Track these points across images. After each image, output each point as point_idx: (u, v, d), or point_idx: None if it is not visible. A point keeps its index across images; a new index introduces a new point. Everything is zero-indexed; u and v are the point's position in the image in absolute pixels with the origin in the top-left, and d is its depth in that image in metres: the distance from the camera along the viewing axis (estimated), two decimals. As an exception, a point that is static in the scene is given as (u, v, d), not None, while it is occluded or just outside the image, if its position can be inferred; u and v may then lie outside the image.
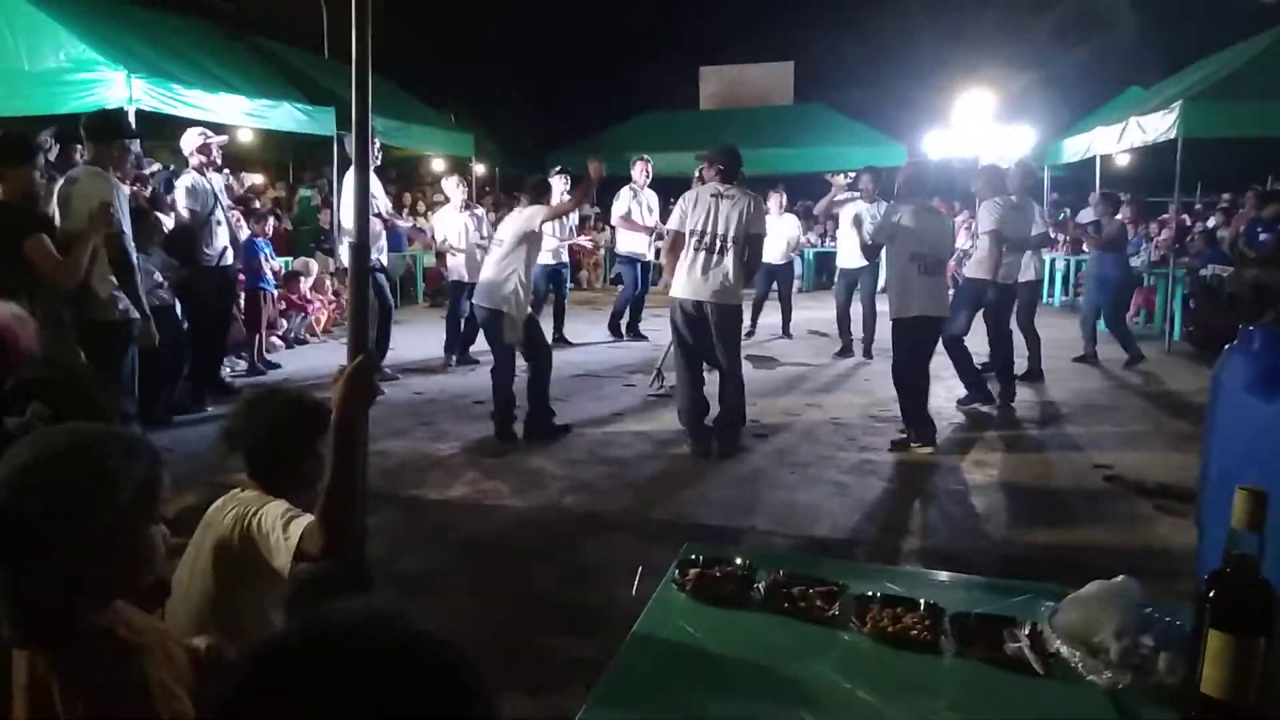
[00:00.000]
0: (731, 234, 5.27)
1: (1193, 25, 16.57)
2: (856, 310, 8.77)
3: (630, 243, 9.41)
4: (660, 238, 9.14)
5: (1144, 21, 18.93)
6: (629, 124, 17.01)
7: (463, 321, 8.23)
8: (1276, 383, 2.04)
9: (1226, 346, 2.39)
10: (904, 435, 5.56)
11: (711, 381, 5.63)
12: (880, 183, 8.38)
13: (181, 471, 4.28)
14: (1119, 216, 9.05)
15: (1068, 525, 4.35)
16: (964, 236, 10.80)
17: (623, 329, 9.73)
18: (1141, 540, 4.08)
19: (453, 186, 8.52)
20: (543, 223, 5.82)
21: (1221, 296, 8.87)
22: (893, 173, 6.74)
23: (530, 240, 5.71)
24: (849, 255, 8.53)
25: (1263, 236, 10.00)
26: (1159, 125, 9.13)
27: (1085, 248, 9.05)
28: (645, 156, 9.56)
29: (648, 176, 9.39)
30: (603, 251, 14.96)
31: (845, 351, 8.74)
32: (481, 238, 8.12)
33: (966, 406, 6.55)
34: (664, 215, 8.78)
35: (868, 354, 8.55)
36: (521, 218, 5.75)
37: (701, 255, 5.32)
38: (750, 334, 9.28)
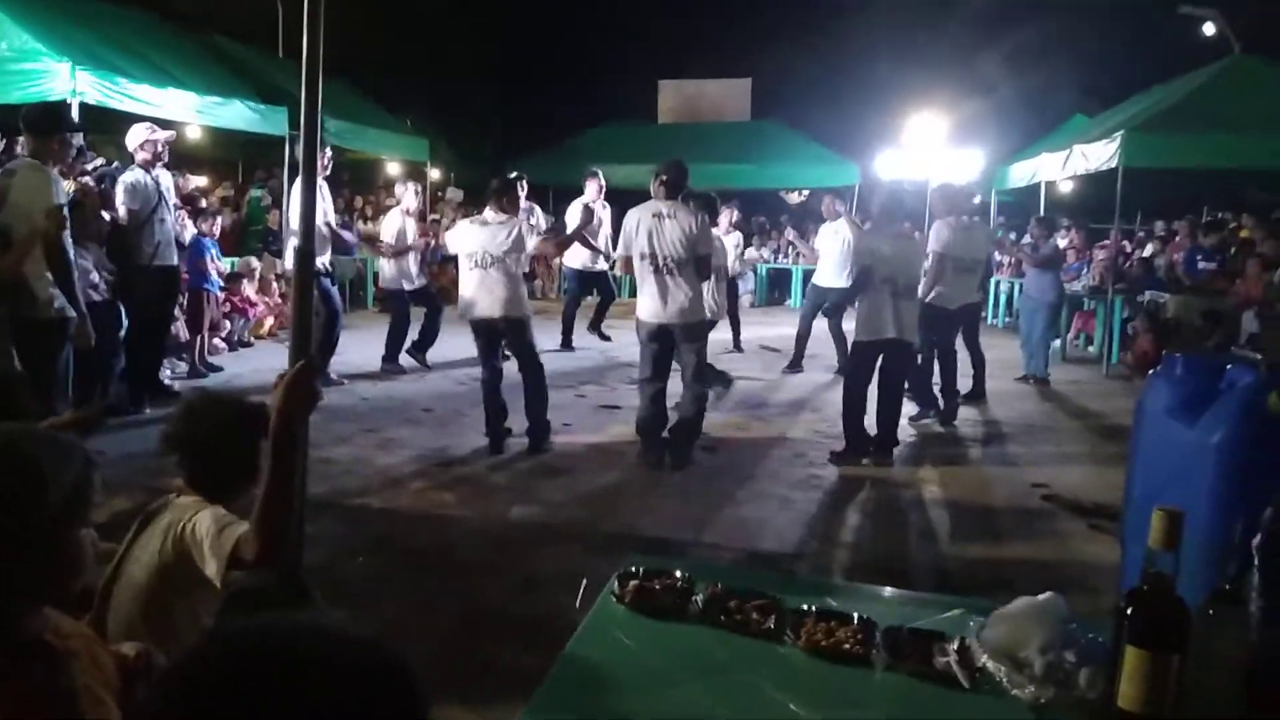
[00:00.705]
0: (679, 254, 5.30)
1: (1137, 57, 17.13)
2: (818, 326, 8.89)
3: (577, 256, 9.51)
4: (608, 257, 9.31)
5: (1091, 52, 19.52)
6: (587, 135, 17.05)
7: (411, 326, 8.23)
8: (1195, 408, 2.12)
9: (1150, 372, 2.48)
10: (843, 449, 5.67)
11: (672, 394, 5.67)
12: (841, 203, 8.64)
13: (116, 475, 4.18)
14: (1055, 239, 9.33)
15: (1004, 542, 4.45)
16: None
17: (579, 332, 9.80)
18: (1074, 558, 4.18)
19: (410, 193, 8.38)
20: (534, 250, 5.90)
21: (1161, 322, 9.16)
22: (846, 191, 6.91)
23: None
24: (827, 274, 8.69)
25: (1201, 265, 10.36)
26: (1101, 154, 9.40)
27: (1023, 267, 9.30)
28: (597, 172, 9.64)
29: (601, 192, 9.54)
30: (558, 261, 14.95)
31: (794, 367, 8.84)
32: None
33: (918, 422, 6.66)
34: (616, 229, 8.89)
35: (841, 372, 8.65)
36: (514, 238, 5.62)
37: (656, 278, 5.37)
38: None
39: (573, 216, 9.42)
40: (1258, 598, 1.24)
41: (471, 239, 5.70)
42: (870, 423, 5.71)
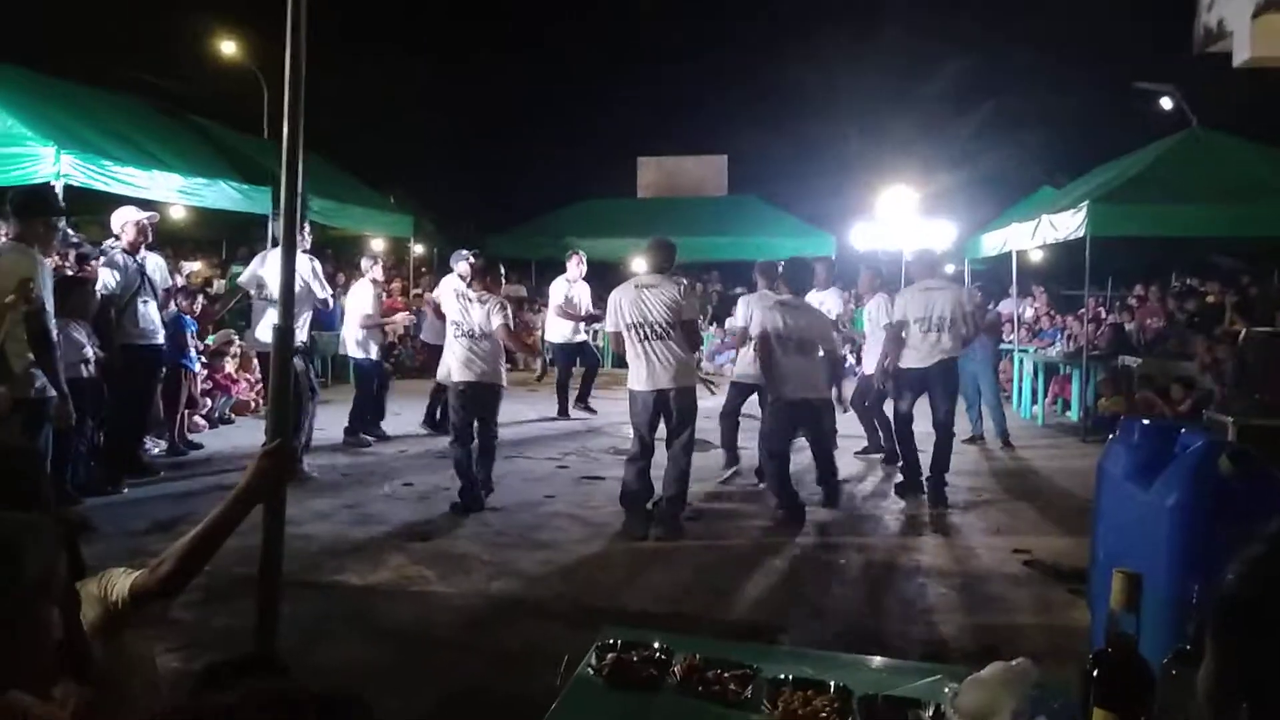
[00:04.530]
0: (665, 319, 5.44)
1: (1100, 130, 17.72)
2: None
3: (560, 330, 9.87)
4: (592, 320, 9.48)
5: (1056, 126, 20.16)
6: (568, 210, 17.34)
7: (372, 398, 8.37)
8: (1152, 471, 2.17)
9: (1109, 436, 2.54)
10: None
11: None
12: (831, 272, 8.85)
13: (94, 554, 4.12)
14: (995, 307, 9.65)
15: (986, 608, 4.44)
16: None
17: (570, 404, 10.03)
18: (1055, 623, 4.17)
19: (377, 267, 8.67)
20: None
21: (1132, 385, 9.31)
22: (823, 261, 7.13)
23: None
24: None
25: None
26: (1069, 224, 9.64)
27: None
28: (579, 251, 10.13)
29: (582, 270, 9.95)
30: (539, 333, 15.07)
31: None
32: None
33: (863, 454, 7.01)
34: (598, 303, 9.13)
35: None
36: (496, 315, 6.02)
37: (646, 345, 5.48)
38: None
39: (556, 292, 9.75)
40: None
41: (457, 310, 6.19)
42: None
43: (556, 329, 9.90)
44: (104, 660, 1.86)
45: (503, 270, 8.52)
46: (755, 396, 7.04)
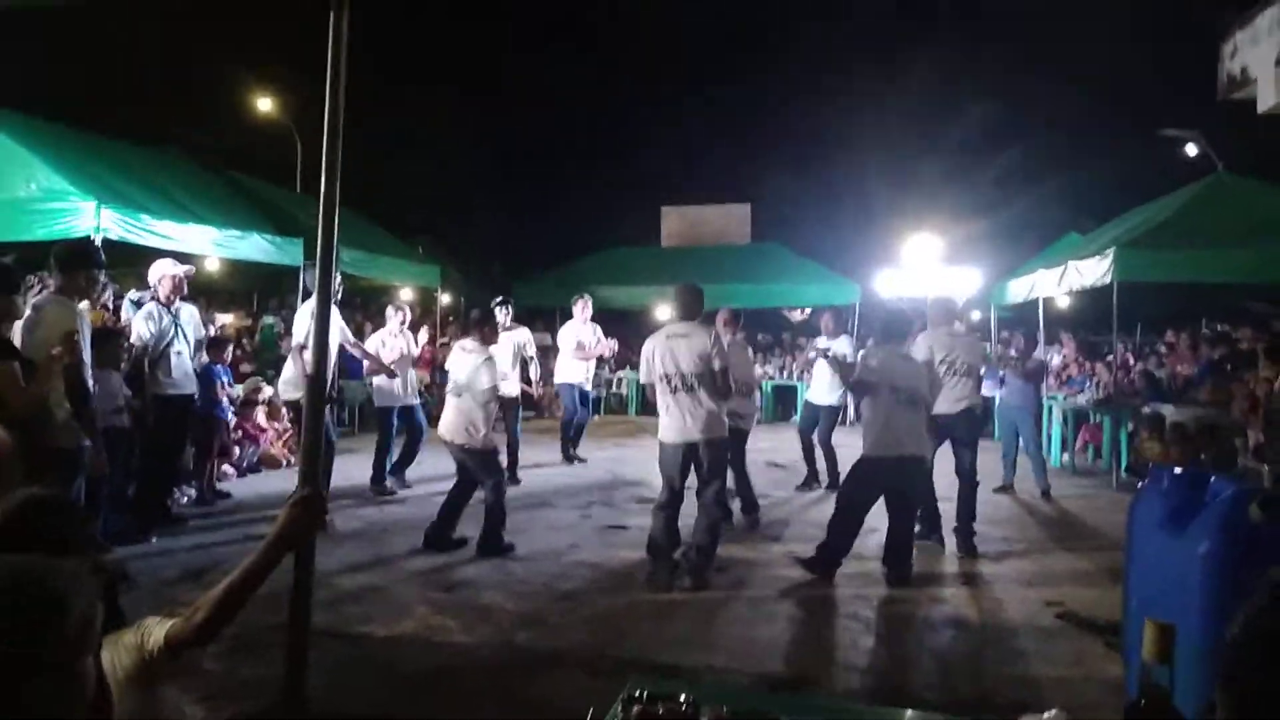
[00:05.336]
0: (696, 370, 5.43)
1: (1126, 176, 17.72)
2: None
3: (568, 372, 10.01)
4: (602, 359, 9.69)
5: (1081, 173, 20.18)
6: (593, 258, 17.49)
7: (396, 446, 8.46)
8: (1183, 520, 2.15)
9: (1140, 485, 2.52)
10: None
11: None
12: (840, 321, 8.90)
13: (123, 603, 4.15)
14: (1040, 354, 9.62)
15: (1019, 662, 4.35)
16: None
17: (568, 451, 10.13)
18: (1090, 676, 4.08)
19: (391, 313, 8.74)
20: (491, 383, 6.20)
21: (1165, 431, 9.16)
22: (846, 309, 7.13)
23: None
24: (820, 391, 8.90)
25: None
26: (1095, 270, 9.61)
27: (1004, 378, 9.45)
28: (585, 295, 10.38)
29: (587, 313, 10.19)
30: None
31: (809, 483, 8.87)
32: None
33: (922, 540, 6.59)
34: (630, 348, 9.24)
35: (832, 487, 8.65)
36: (476, 372, 6.12)
37: (677, 397, 5.48)
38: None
39: (565, 338, 9.89)
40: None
41: (452, 364, 6.37)
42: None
43: (567, 373, 10.05)
44: (138, 711, 1.88)
45: (508, 312, 8.76)
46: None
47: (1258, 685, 0.75)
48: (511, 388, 8.74)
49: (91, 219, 7.13)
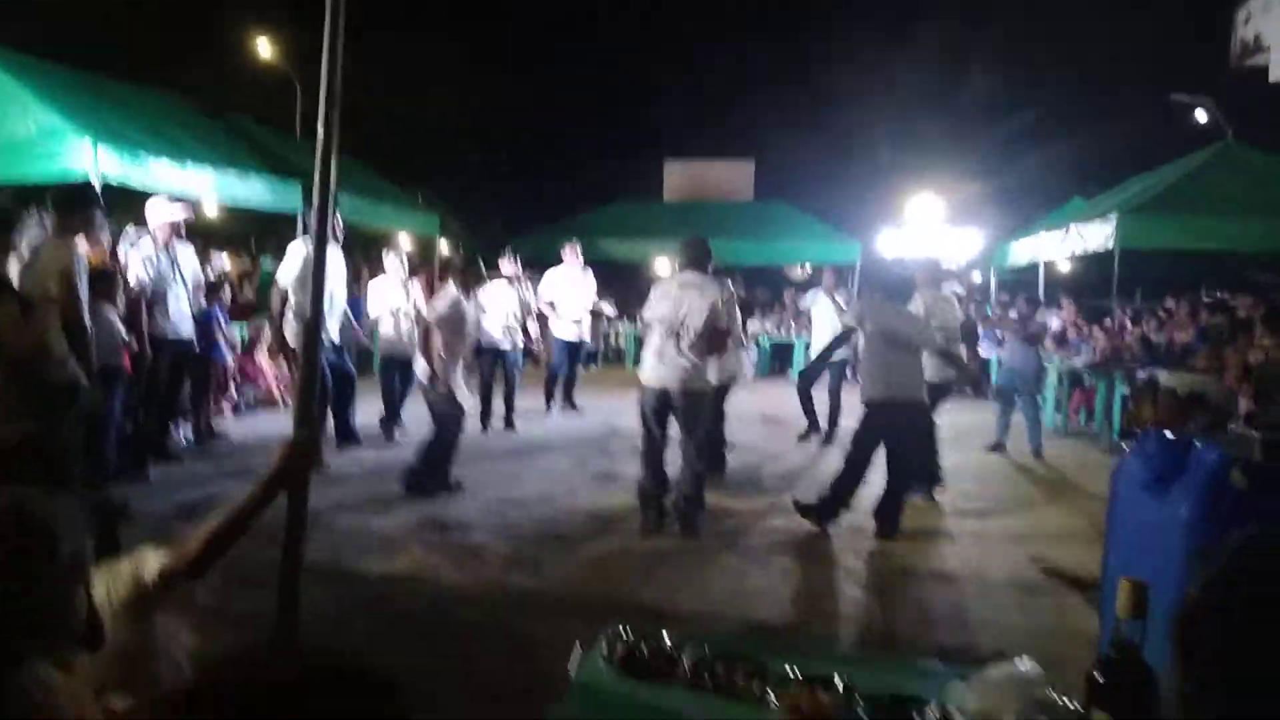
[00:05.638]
0: (696, 321, 5.42)
1: (1134, 142, 17.56)
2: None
3: (568, 329, 9.78)
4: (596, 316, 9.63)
5: (1088, 137, 19.99)
6: (596, 212, 17.39)
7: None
8: (1165, 483, 2.18)
9: (1124, 447, 2.55)
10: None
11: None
12: (840, 278, 8.91)
13: (122, 539, 4.21)
14: (1041, 317, 9.61)
15: (1001, 615, 4.43)
16: None
17: (551, 400, 10.03)
18: (1068, 630, 4.15)
19: (392, 260, 8.58)
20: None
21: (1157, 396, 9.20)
22: (847, 267, 7.14)
23: None
24: (820, 345, 8.89)
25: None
26: (1098, 234, 9.58)
27: (1003, 339, 9.49)
28: (574, 240, 10.11)
29: (576, 259, 9.89)
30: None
31: (809, 434, 8.98)
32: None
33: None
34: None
35: (828, 440, 8.75)
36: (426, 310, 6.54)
37: (664, 342, 5.49)
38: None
39: (548, 285, 9.74)
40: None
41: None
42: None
43: (565, 326, 9.84)
44: (133, 639, 1.92)
45: (514, 271, 8.76)
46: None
47: (1213, 653, 0.76)
48: (496, 333, 8.78)
49: (88, 158, 7.06)
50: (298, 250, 7.13)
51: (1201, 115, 16.52)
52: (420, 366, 6.35)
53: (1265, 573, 0.73)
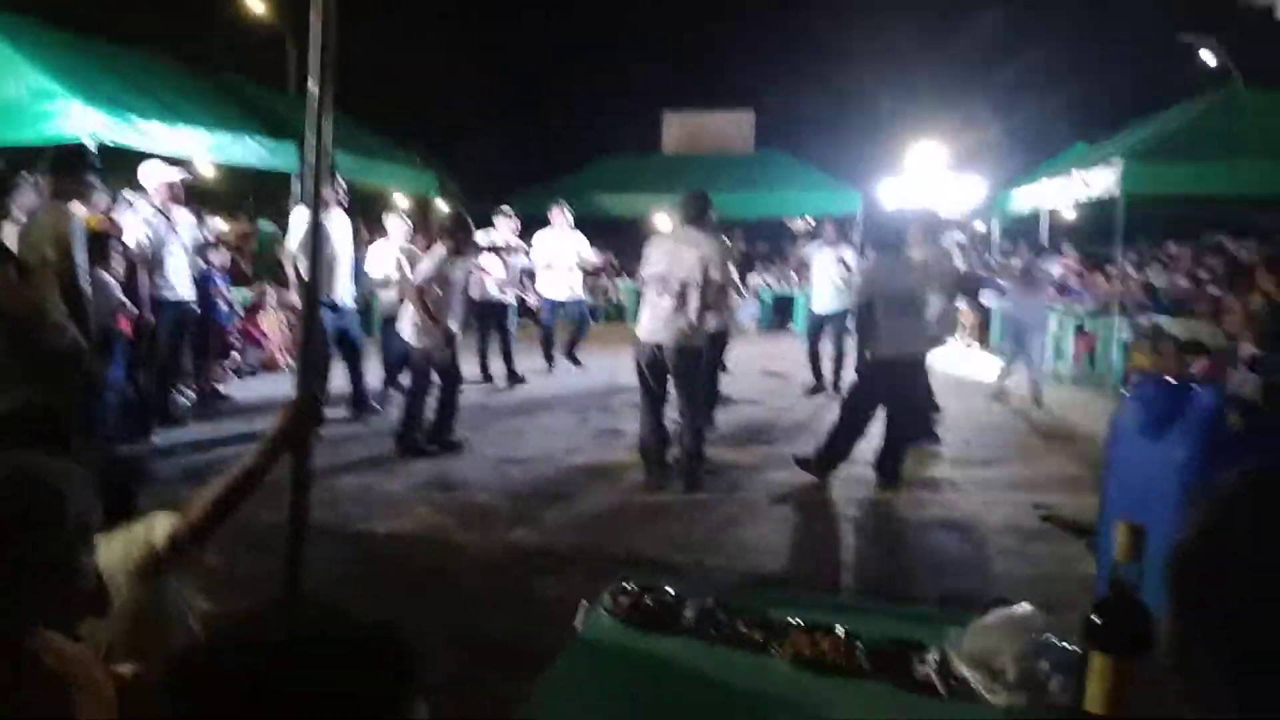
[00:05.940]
0: (691, 278, 5.37)
1: (1139, 85, 17.29)
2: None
3: (559, 289, 9.71)
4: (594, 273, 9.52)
5: (1092, 80, 19.69)
6: (594, 165, 17.23)
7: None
8: (1163, 428, 2.18)
9: (1124, 393, 2.56)
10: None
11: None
12: (842, 230, 8.83)
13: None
14: (1043, 265, 9.59)
15: (1000, 561, 4.48)
16: None
17: (551, 358, 10.04)
18: (1067, 575, 4.19)
19: (395, 222, 8.47)
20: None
21: (1160, 344, 9.20)
22: (849, 218, 7.10)
23: None
24: (822, 300, 8.93)
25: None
26: (1102, 180, 9.47)
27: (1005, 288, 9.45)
28: (561, 202, 9.97)
29: (564, 221, 9.76)
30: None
31: (815, 389, 9.00)
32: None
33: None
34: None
35: (836, 389, 8.77)
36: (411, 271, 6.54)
37: (658, 299, 5.46)
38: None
39: (540, 244, 9.65)
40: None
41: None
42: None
43: (554, 286, 9.79)
44: (143, 603, 1.94)
45: (513, 224, 8.69)
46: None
47: (1208, 591, 0.76)
48: (492, 290, 8.84)
49: (82, 120, 7.00)
50: (302, 216, 7.07)
51: (1209, 58, 16.24)
52: (405, 328, 6.34)
53: (1261, 509, 0.73)
